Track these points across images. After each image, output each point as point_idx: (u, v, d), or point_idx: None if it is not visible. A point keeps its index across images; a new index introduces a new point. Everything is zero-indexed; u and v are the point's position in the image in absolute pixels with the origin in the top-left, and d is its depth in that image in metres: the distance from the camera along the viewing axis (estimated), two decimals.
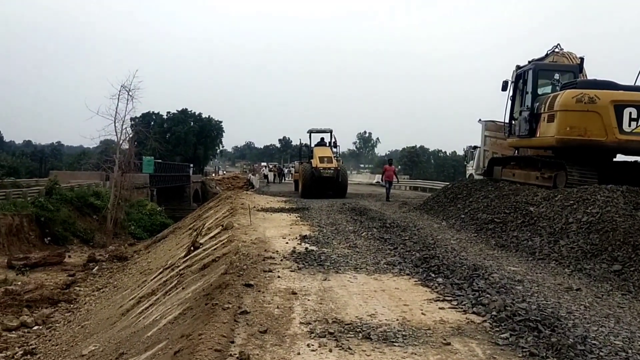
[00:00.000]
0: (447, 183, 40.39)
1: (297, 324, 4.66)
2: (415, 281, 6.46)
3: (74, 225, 32.26)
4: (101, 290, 16.38)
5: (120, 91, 33.56)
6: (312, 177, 23.72)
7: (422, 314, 5.09)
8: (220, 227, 11.36)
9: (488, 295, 5.53)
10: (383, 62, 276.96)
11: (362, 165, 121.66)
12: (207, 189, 71.85)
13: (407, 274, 6.82)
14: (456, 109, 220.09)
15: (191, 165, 79.07)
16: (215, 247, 9.87)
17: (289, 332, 4.45)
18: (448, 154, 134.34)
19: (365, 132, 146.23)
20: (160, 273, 11.31)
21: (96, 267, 22.09)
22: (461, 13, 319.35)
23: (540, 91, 13.08)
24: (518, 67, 17.14)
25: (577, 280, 6.80)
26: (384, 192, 23.93)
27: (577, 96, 10.83)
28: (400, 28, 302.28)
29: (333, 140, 27.43)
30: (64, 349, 9.83)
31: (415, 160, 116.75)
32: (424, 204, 15.91)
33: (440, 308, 5.29)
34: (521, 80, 14.06)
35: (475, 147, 25.93)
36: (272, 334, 4.41)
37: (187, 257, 10.58)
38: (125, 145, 35.32)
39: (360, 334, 4.42)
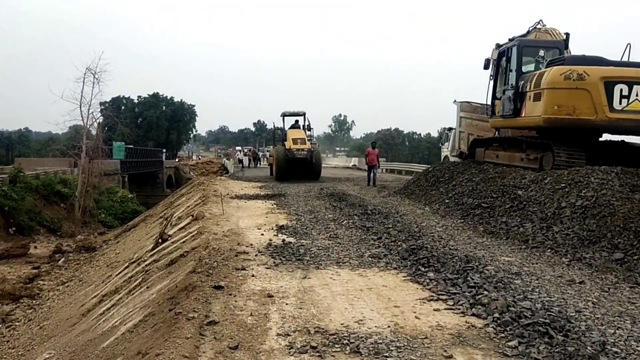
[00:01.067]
0: (425, 166, 40.25)
1: (274, 336, 4.00)
2: (404, 276, 5.86)
3: (40, 215, 30.91)
4: (66, 285, 15.48)
5: (85, 74, 32.13)
6: (285, 158, 23.73)
7: (416, 317, 4.48)
8: (190, 217, 10.59)
9: (486, 293, 4.96)
10: (357, 46, 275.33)
11: (337, 149, 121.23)
12: (180, 174, 70.42)
13: (395, 268, 6.22)
14: (430, 90, 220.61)
15: (164, 150, 77.32)
16: (184, 239, 9.13)
17: (264, 347, 3.79)
18: (422, 135, 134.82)
19: (340, 115, 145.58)
20: (126, 267, 10.52)
21: (62, 259, 21.08)
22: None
23: (524, 69, 12.54)
24: (498, 45, 16.64)
25: (578, 271, 6.28)
26: (362, 176, 23.38)
27: (565, 73, 10.31)
28: (373, 13, 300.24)
29: (307, 123, 27.43)
30: (20, 352, 9.03)
31: (390, 143, 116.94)
32: (405, 188, 15.36)
33: (435, 310, 4.70)
34: (504, 58, 13.51)
35: (450, 129, 25.56)
36: (245, 350, 3.74)
37: (155, 251, 9.81)
38: (93, 131, 33.97)
39: (348, 347, 3.78)
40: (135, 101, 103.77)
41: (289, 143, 24.29)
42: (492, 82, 15.87)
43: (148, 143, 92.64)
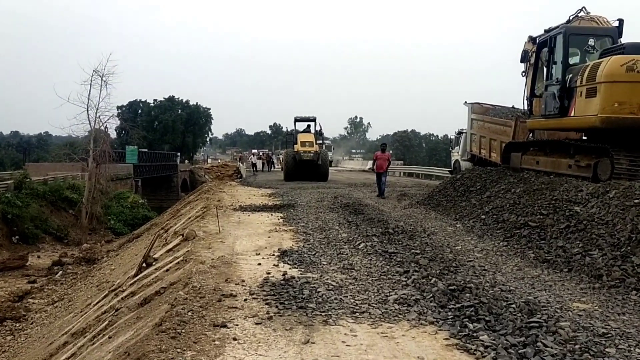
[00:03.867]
0: (445, 169, 38.49)
1: None
2: (447, 339, 4.19)
3: (47, 222, 29.82)
4: (55, 306, 14.08)
5: (92, 76, 30.97)
6: (294, 160, 25.61)
7: None
8: (180, 237, 9.03)
9: None
10: (372, 49, 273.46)
11: (353, 151, 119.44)
12: (195, 178, 69.40)
13: (431, 323, 4.55)
14: (446, 92, 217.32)
15: (178, 154, 76.47)
16: (168, 266, 7.57)
17: None
18: (440, 137, 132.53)
19: (356, 117, 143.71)
20: (105, 296, 9.00)
21: (60, 272, 19.76)
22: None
23: (571, 61, 10.77)
24: (532, 38, 14.88)
25: None
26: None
27: (627, 64, 8.56)
28: (388, 15, 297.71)
29: (318, 127, 29.18)
30: None
31: (407, 145, 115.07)
32: (429, 197, 13.63)
33: None
34: (545, 49, 11.74)
35: (460, 132, 24.11)
36: None
37: (136, 278, 8.27)
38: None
39: None
40: (152, 104, 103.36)
41: (297, 146, 26.00)
42: (527, 77, 14.15)
43: (164, 146, 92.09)
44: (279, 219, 11.05)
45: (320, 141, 30.15)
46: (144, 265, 8.62)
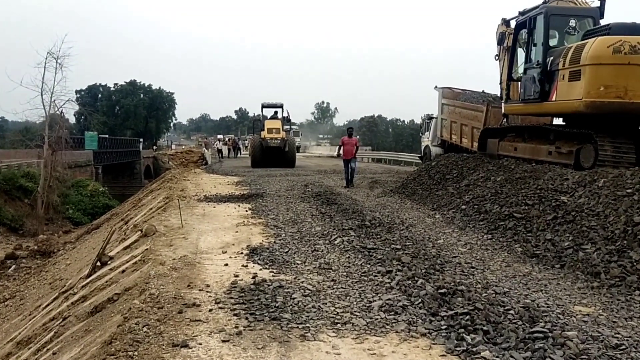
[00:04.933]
0: (413, 155, 38.26)
1: None
2: (443, 355, 3.66)
3: (0, 212, 28.26)
4: (6, 304, 13.06)
5: (46, 59, 29.23)
6: (260, 147, 25.85)
7: None
8: (139, 232, 8.25)
9: None
10: (338, 32, 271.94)
11: (320, 136, 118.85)
12: (159, 164, 67.56)
13: (423, 335, 4.01)
14: (413, 76, 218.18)
15: (141, 139, 74.21)
16: (124, 266, 6.82)
17: None
18: (406, 122, 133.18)
19: (323, 102, 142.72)
20: (55, 299, 8.18)
21: (13, 267, 18.59)
22: None
23: (550, 43, 10.36)
24: (505, 20, 14.50)
25: None
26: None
27: (614, 45, 8.16)
28: (356, 6, 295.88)
29: (285, 114, 29.61)
30: None
31: (374, 130, 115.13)
32: (404, 186, 13.13)
33: None
34: (523, 31, 11.31)
35: (430, 118, 23.97)
36: None
37: (89, 279, 7.48)
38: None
39: None
40: (112, 89, 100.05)
41: (264, 133, 26.32)
42: (502, 61, 13.78)
43: (126, 132, 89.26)
44: (247, 211, 10.36)
45: (288, 127, 30.45)
46: (98, 264, 7.83)
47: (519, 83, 11.31)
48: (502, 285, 5.21)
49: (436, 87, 21.80)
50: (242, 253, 6.63)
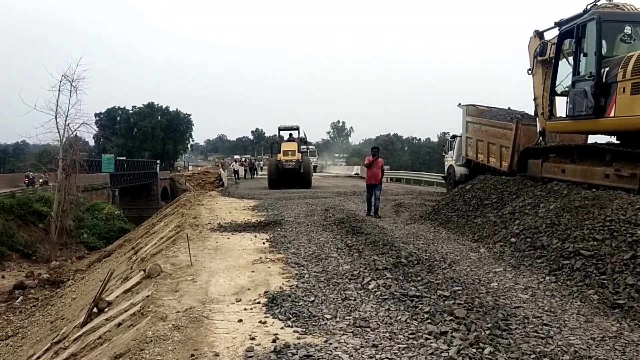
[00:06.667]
0: (436, 175, 36.95)
1: None
2: None
3: (13, 238, 27.77)
4: (6, 342, 12.11)
5: (61, 82, 28.77)
6: (277, 169, 26.50)
7: None
8: (142, 272, 7.22)
9: None
10: (353, 54, 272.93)
11: (336, 155, 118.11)
12: (176, 185, 67.22)
13: None
14: (429, 94, 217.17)
15: (158, 161, 74.14)
16: (121, 318, 5.78)
17: None
18: (422, 140, 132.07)
19: (338, 122, 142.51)
20: (47, 351, 7.16)
21: (20, 298, 17.75)
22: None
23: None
24: (538, 33, 13.50)
25: None
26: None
27: None
28: (370, 24, 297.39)
29: (301, 135, 30.44)
30: None
31: (390, 149, 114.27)
32: (435, 212, 11.98)
33: None
34: (569, 40, 10.21)
35: (454, 137, 23.02)
36: None
37: (83, 330, 6.45)
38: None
39: None
40: (130, 111, 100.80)
41: (280, 155, 27.01)
42: (535, 75, 12.75)
43: (144, 154, 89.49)
44: (264, 243, 9.29)
45: (305, 147, 31.87)
46: (95, 310, 6.81)
47: (567, 98, 10.16)
48: (593, 354, 4.04)
49: (460, 104, 20.84)
50: (259, 302, 5.54)
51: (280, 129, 30.72)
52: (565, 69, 10.72)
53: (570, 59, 10.52)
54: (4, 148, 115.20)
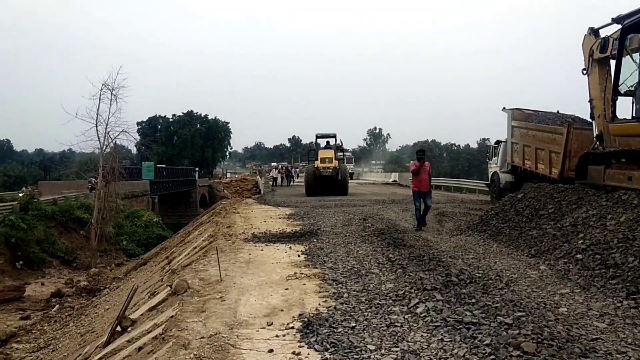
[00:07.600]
0: (479, 181, 35.68)
1: None
2: None
3: (54, 245, 28.04)
4: (37, 356, 11.88)
5: (101, 90, 29.09)
6: (314, 176, 26.77)
7: None
8: (168, 288, 6.71)
9: None
10: (388, 60, 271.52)
11: (373, 162, 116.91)
12: (214, 193, 67.83)
13: None
14: (465, 101, 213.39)
15: (196, 168, 74.96)
16: (143, 341, 5.26)
17: None
18: (461, 147, 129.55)
19: (375, 128, 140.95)
20: None
21: (56, 307, 17.68)
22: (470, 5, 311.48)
23: None
24: (593, 30, 12.58)
25: None
26: (408, 196, 18.96)
27: None
28: (405, 27, 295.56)
29: (338, 143, 30.78)
30: None
31: (429, 156, 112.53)
32: (484, 222, 11.11)
33: None
34: (632, 35, 9.26)
35: (498, 142, 22.04)
36: None
37: (105, 351, 5.97)
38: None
39: None
40: (170, 119, 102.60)
41: (317, 162, 27.13)
42: (591, 75, 11.81)
43: (183, 161, 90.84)
44: (299, 255, 8.68)
45: (341, 154, 31.99)
46: (118, 329, 6.34)
47: (630, 98, 9.21)
48: None
49: (504, 108, 19.93)
50: (292, 327, 4.92)
51: (317, 137, 31.03)
52: (629, 66, 9.76)
53: (635, 55, 9.56)
54: (51, 156, 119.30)
